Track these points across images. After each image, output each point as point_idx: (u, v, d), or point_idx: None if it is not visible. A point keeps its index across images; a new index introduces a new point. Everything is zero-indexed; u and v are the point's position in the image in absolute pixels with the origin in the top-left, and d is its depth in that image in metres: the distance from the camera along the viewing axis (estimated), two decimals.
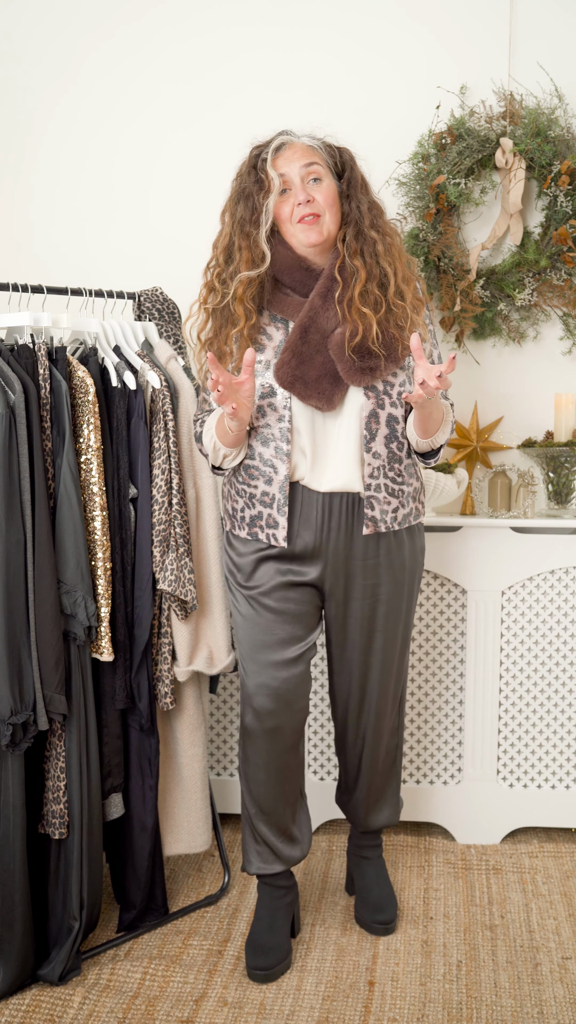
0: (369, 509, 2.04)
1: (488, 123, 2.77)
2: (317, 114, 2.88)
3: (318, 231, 1.97)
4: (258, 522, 2.07)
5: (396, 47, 2.86)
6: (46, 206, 3.01)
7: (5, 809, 2.02)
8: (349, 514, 2.05)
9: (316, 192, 1.96)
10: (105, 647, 2.14)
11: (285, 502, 2.02)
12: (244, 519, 2.10)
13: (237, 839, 2.77)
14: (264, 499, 2.05)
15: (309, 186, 1.96)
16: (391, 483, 2.05)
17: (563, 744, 2.74)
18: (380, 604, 2.13)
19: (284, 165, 1.96)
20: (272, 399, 2.00)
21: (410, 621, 2.23)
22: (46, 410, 2.06)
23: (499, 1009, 2.02)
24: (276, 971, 2.12)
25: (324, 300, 1.98)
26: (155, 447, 2.22)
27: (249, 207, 1.98)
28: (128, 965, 2.18)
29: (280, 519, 2.03)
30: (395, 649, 2.20)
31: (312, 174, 1.96)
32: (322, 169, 1.97)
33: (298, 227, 1.97)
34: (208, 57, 2.92)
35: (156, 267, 2.95)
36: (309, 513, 2.04)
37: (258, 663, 2.11)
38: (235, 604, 2.16)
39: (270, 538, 2.05)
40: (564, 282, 2.81)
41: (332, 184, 1.99)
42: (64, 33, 2.95)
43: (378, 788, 2.32)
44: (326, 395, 1.97)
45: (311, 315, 1.98)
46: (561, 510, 2.77)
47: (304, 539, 2.06)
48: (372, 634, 2.15)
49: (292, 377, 1.97)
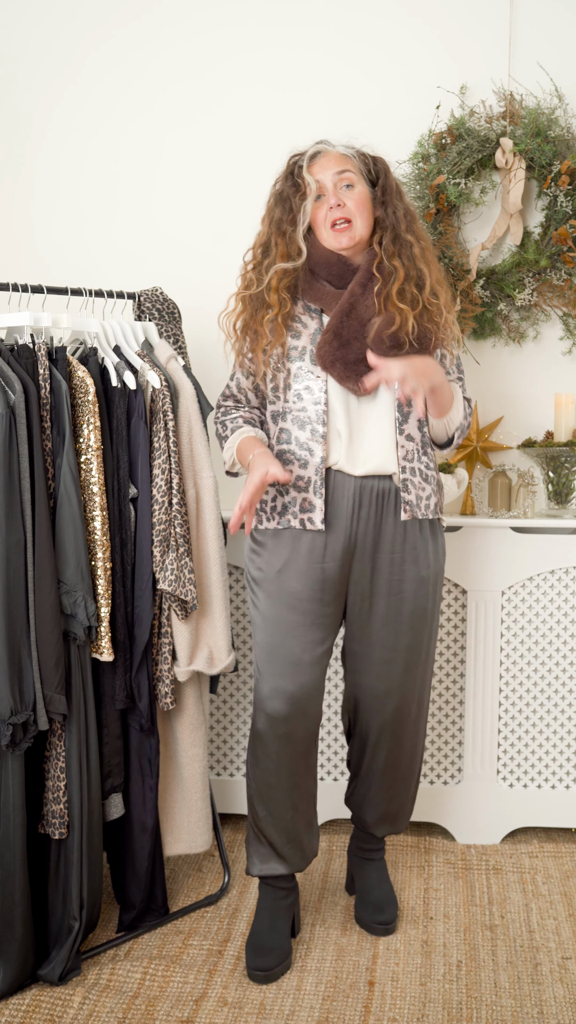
0: (406, 493, 2.07)
1: (488, 123, 2.78)
2: (317, 114, 2.89)
3: (349, 236, 2.06)
4: (291, 508, 2.08)
5: (396, 47, 2.86)
6: (47, 205, 3.01)
7: (5, 809, 2.02)
8: (380, 503, 2.07)
9: (347, 197, 2.05)
10: (105, 647, 2.14)
11: (322, 484, 2.05)
12: (275, 508, 2.10)
13: (237, 839, 2.77)
14: (299, 483, 2.07)
15: (341, 192, 2.05)
16: (425, 468, 2.11)
17: (563, 744, 2.74)
18: (405, 602, 2.12)
19: (319, 171, 2.06)
20: (309, 382, 2.06)
21: (435, 627, 2.20)
22: (46, 410, 2.06)
23: (499, 1009, 2.02)
24: (276, 972, 2.12)
25: (364, 290, 2.05)
26: (155, 447, 2.22)
27: (286, 208, 2.07)
28: (128, 965, 2.18)
29: (317, 501, 2.05)
30: (420, 651, 2.17)
31: (344, 180, 2.05)
32: (354, 176, 2.06)
33: (331, 232, 2.06)
34: (208, 56, 2.92)
35: (157, 267, 2.95)
36: (340, 502, 2.06)
37: (276, 665, 2.10)
38: (255, 605, 2.15)
39: (305, 522, 2.06)
40: (564, 282, 2.81)
41: (364, 190, 2.07)
42: (65, 32, 2.95)
43: (394, 798, 2.29)
44: (361, 377, 2.03)
45: (351, 302, 2.05)
46: (561, 510, 2.77)
47: (338, 523, 2.07)
48: (397, 632, 2.14)
49: (333, 357, 2.03)
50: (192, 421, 2.30)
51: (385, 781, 2.27)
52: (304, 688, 2.10)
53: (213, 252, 2.95)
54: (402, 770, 2.27)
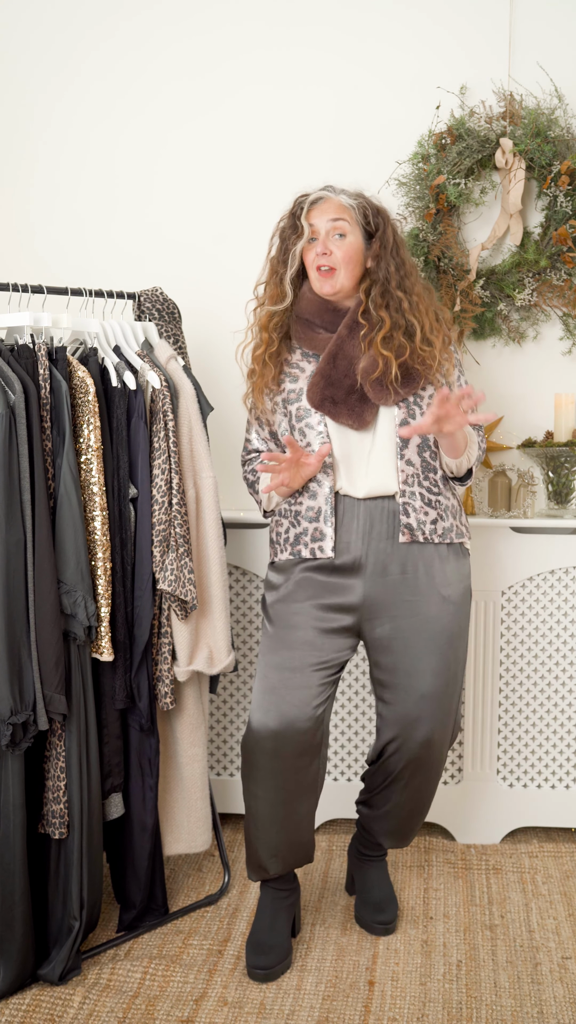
0: (404, 516, 2.08)
1: (488, 123, 2.78)
2: (316, 113, 2.89)
3: (331, 284, 2.10)
4: (303, 539, 2.11)
5: (396, 48, 2.86)
6: (46, 205, 3.01)
7: (5, 809, 2.02)
8: (390, 523, 2.08)
9: (336, 247, 2.09)
10: (105, 647, 2.14)
11: (332, 513, 2.08)
12: (288, 539, 2.14)
13: (237, 839, 2.77)
14: (309, 513, 2.11)
15: (331, 240, 2.10)
16: (427, 493, 2.10)
17: (563, 744, 2.74)
18: (425, 624, 2.08)
19: (316, 217, 2.11)
20: (308, 419, 2.11)
21: (462, 656, 2.15)
22: (46, 410, 2.06)
23: (499, 1009, 2.02)
24: (276, 971, 2.13)
25: (350, 332, 2.11)
26: (155, 447, 2.23)
27: (283, 249, 2.16)
28: (128, 965, 2.18)
29: (327, 530, 2.09)
30: (447, 678, 2.11)
31: (337, 230, 2.10)
32: (348, 226, 2.10)
33: (315, 275, 2.12)
34: (208, 55, 2.92)
35: (157, 267, 2.95)
36: (351, 523, 2.09)
37: (272, 681, 2.09)
38: (266, 628, 2.16)
39: (315, 552, 2.09)
40: (564, 282, 2.81)
41: (356, 242, 2.11)
42: (64, 31, 2.95)
43: (410, 819, 2.26)
44: (356, 413, 2.08)
45: (339, 344, 2.11)
46: (561, 510, 2.77)
47: (349, 549, 2.08)
48: (419, 657, 2.09)
49: (321, 397, 2.09)
50: (192, 421, 2.30)
51: (401, 803, 2.22)
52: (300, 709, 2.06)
53: (213, 252, 2.95)
54: (421, 797, 2.22)
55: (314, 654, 2.09)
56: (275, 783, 2.10)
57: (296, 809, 2.13)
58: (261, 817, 2.13)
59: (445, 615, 2.10)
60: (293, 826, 2.14)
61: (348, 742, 2.79)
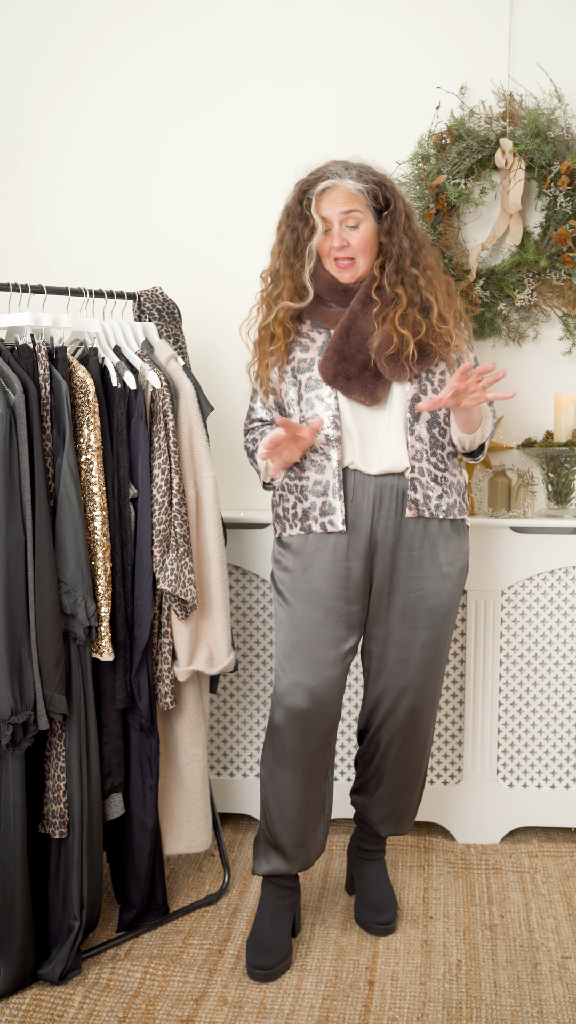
0: (412, 491, 2.09)
1: (488, 123, 2.78)
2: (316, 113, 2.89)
3: (351, 273, 2.11)
4: (311, 513, 2.11)
5: (397, 48, 2.86)
6: (46, 204, 3.01)
7: (5, 809, 2.02)
8: (399, 500, 2.10)
9: (352, 237, 2.08)
10: (105, 647, 2.14)
11: (340, 487, 2.08)
12: (296, 515, 2.14)
13: (237, 839, 2.77)
14: (317, 488, 2.11)
15: (346, 231, 2.09)
16: (434, 468, 2.11)
17: (563, 744, 2.74)
18: (423, 599, 2.14)
19: (327, 207, 2.08)
20: (319, 390, 2.11)
21: (451, 628, 2.21)
22: (46, 410, 2.06)
23: (499, 1008, 2.03)
24: (276, 970, 2.13)
25: (363, 307, 2.11)
26: (155, 447, 2.23)
27: (294, 239, 2.12)
28: (128, 964, 2.18)
29: (336, 503, 2.09)
30: (436, 649, 2.18)
31: (350, 220, 2.08)
32: (361, 214, 2.08)
33: (332, 264, 2.12)
34: (208, 55, 2.92)
35: (157, 267, 2.95)
36: (361, 499, 2.10)
37: (298, 662, 2.12)
38: (280, 603, 2.17)
39: (326, 525, 2.09)
40: (564, 282, 2.81)
41: (370, 226, 2.10)
42: (64, 30, 2.95)
43: (400, 796, 2.30)
44: (368, 389, 2.07)
45: (352, 318, 2.10)
46: (561, 510, 2.77)
47: (358, 524, 2.10)
48: (414, 629, 2.15)
49: (334, 372, 2.08)
50: (192, 421, 2.30)
51: (393, 780, 2.28)
52: (325, 683, 2.12)
53: (213, 252, 2.95)
54: (411, 769, 2.28)
55: (333, 633, 2.13)
56: (303, 766, 2.15)
57: (319, 793, 2.20)
58: (290, 804, 2.16)
59: (443, 591, 2.15)
60: (317, 813, 2.22)
61: (348, 742, 2.80)
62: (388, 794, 2.29)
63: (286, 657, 2.15)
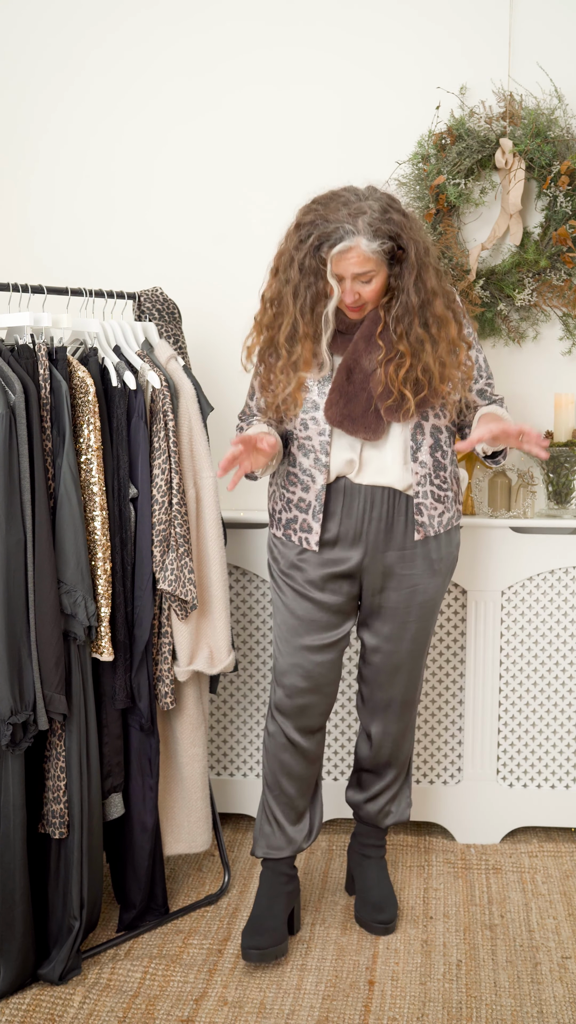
0: (419, 515, 2.14)
1: (488, 123, 2.78)
2: (316, 113, 2.89)
3: (360, 314, 2.08)
4: (293, 525, 2.18)
5: (397, 47, 2.86)
6: (45, 205, 3.00)
7: (5, 809, 2.02)
8: (389, 505, 2.13)
9: (363, 290, 2.03)
10: (105, 647, 2.14)
11: (320, 509, 2.13)
12: (281, 521, 2.21)
13: (237, 839, 2.77)
14: (300, 505, 2.16)
15: (358, 285, 2.03)
16: (437, 490, 2.16)
17: (563, 744, 2.74)
18: (416, 594, 2.19)
19: (341, 268, 1.99)
20: (315, 414, 2.12)
21: (436, 616, 2.29)
22: (46, 410, 2.06)
23: (499, 1008, 2.03)
24: (270, 952, 2.14)
25: (367, 343, 2.09)
26: (155, 447, 2.23)
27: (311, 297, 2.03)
28: (128, 964, 2.18)
29: (314, 525, 2.14)
30: (425, 641, 2.27)
31: (364, 279, 2.02)
32: (375, 274, 2.02)
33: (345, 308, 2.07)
34: (208, 55, 2.92)
35: (156, 267, 2.95)
36: (351, 504, 2.13)
37: (293, 645, 2.20)
38: (275, 589, 2.24)
39: (302, 541, 2.16)
40: (564, 282, 2.81)
41: (381, 278, 2.04)
42: (63, 31, 2.95)
43: (397, 783, 2.37)
44: (371, 428, 2.10)
45: (355, 356, 2.09)
46: (561, 510, 2.77)
47: (346, 527, 2.13)
48: (405, 623, 2.21)
49: (340, 416, 2.09)
50: (192, 421, 2.30)
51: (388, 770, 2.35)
52: (320, 667, 2.20)
53: (213, 252, 2.95)
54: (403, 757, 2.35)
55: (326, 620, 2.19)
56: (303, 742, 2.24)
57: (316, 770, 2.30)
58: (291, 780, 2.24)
59: (432, 587, 2.21)
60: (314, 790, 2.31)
61: (348, 742, 2.79)
62: (385, 784, 2.36)
63: (283, 640, 2.22)
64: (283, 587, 2.22)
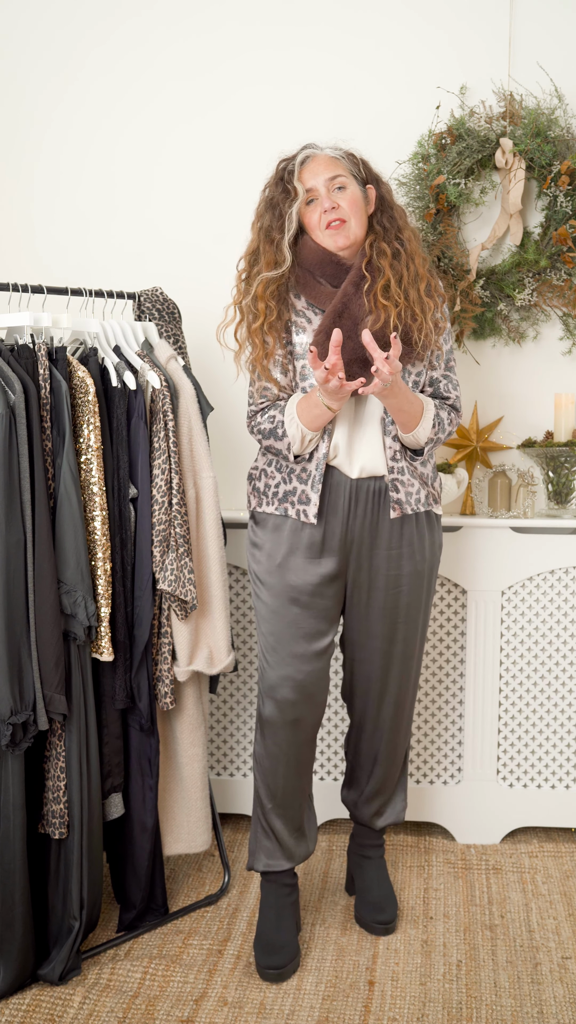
0: (394, 492, 2.11)
1: (488, 123, 2.78)
2: (316, 113, 2.89)
3: (344, 235, 2.07)
4: (291, 497, 2.13)
5: (397, 48, 2.86)
6: (47, 204, 3.01)
7: (5, 809, 2.02)
8: (375, 502, 2.11)
9: (341, 199, 2.07)
10: (105, 647, 2.14)
11: (320, 479, 2.09)
12: (276, 494, 2.15)
13: (237, 839, 2.77)
14: (302, 475, 2.12)
15: (334, 194, 2.07)
16: (409, 465, 2.13)
17: (563, 744, 2.74)
18: (403, 595, 2.18)
19: (310, 178, 2.07)
20: (314, 380, 2.06)
21: (428, 616, 2.28)
22: (46, 410, 2.06)
23: (499, 1009, 2.02)
24: (287, 970, 2.13)
25: (356, 289, 2.07)
26: (155, 447, 2.23)
27: (275, 215, 2.10)
28: (128, 965, 2.18)
29: (313, 496, 2.10)
30: (415, 641, 2.25)
31: (337, 183, 2.07)
32: (346, 179, 2.08)
33: (326, 233, 2.08)
34: (208, 55, 2.92)
35: (157, 266, 2.95)
36: (336, 500, 2.11)
37: (283, 655, 2.15)
38: (259, 597, 2.19)
39: (300, 514, 2.11)
40: (564, 282, 2.81)
41: (356, 191, 2.09)
42: (64, 31, 2.95)
43: (390, 785, 2.35)
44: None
45: (344, 301, 2.07)
46: (561, 510, 2.77)
47: (331, 524, 2.11)
48: (395, 625, 2.20)
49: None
50: (192, 421, 2.30)
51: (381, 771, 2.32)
52: (310, 676, 2.17)
53: (213, 252, 2.95)
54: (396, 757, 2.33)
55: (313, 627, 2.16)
56: (296, 755, 2.20)
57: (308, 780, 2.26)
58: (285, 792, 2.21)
59: (417, 587, 2.20)
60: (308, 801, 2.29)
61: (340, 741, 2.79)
62: (379, 786, 2.34)
63: (270, 650, 2.18)
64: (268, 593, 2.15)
